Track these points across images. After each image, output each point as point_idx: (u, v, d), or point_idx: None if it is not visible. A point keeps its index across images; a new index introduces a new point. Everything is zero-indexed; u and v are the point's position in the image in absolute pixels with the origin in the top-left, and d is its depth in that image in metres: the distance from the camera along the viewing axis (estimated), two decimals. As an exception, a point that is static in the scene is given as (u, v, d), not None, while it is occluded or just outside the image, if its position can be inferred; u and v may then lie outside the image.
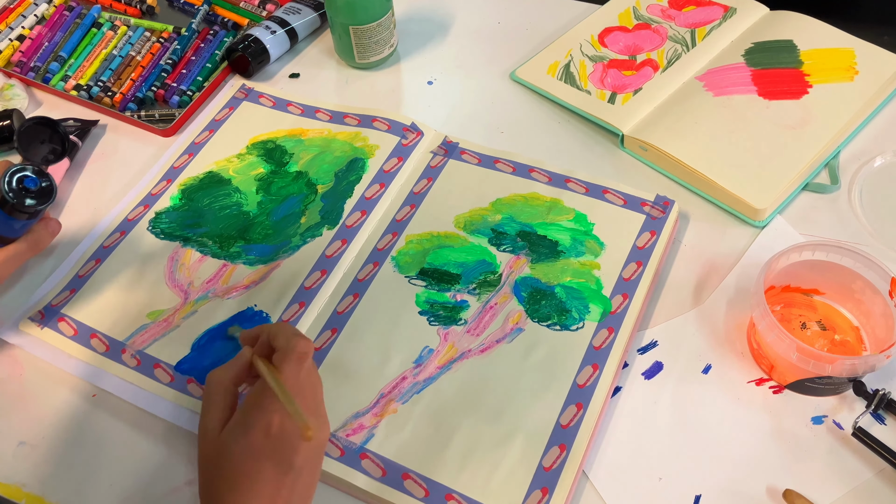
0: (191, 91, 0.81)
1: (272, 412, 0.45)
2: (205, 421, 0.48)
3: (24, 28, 0.88)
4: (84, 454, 0.57)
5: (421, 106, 0.79)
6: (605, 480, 0.53)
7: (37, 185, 0.59)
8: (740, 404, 0.56)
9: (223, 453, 0.45)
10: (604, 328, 0.59)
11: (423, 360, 0.59)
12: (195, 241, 0.68)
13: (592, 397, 0.55)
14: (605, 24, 0.84)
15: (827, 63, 0.76)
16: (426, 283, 0.63)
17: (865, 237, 0.65)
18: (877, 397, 0.53)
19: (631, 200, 0.67)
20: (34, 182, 0.58)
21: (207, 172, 0.73)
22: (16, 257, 0.60)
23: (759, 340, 0.57)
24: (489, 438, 0.54)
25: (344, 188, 0.70)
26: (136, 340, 0.61)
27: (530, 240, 0.65)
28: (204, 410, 0.48)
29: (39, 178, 0.59)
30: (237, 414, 0.47)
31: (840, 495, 0.52)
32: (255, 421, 0.45)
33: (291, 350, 0.47)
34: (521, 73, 0.81)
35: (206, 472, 0.46)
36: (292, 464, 0.45)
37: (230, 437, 0.46)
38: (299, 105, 0.78)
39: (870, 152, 0.71)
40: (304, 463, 0.45)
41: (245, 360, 0.50)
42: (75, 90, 0.82)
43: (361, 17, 0.77)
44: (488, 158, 0.72)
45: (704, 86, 0.75)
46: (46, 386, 0.60)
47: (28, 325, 0.63)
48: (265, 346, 0.50)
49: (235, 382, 0.50)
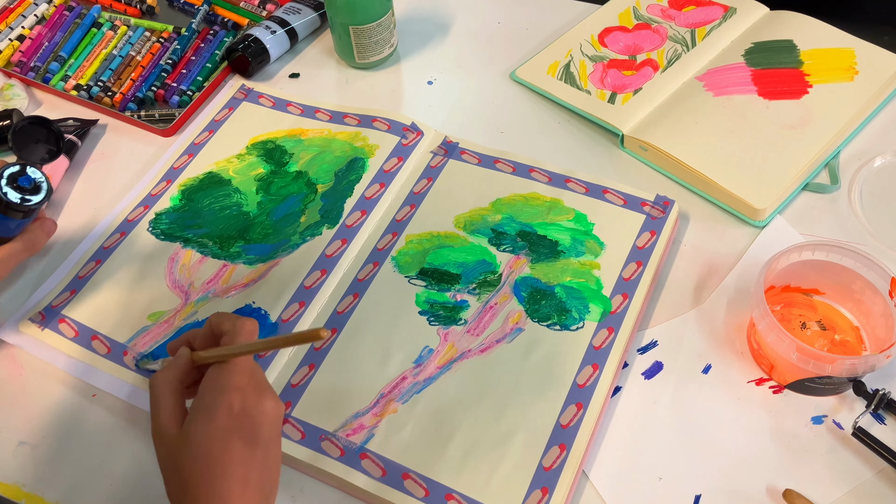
0: (191, 91, 0.81)
1: (231, 391, 0.45)
2: (157, 423, 0.47)
3: (24, 28, 0.88)
4: (84, 454, 0.57)
5: (421, 106, 0.79)
6: (605, 480, 0.53)
7: (31, 184, 0.59)
8: (740, 404, 0.56)
9: (187, 446, 0.45)
10: (604, 328, 0.59)
11: (423, 360, 0.59)
12: (195, 241, 0.68)
13: (592, 397, 0.55)
14: (605, 24, 0.84)
15: (827, 63, 0.76)
16: (426, 283, 0.63)
17: (865, 237, 0.65)
18: (877, 397, 0.53)
19: (631, 200, 0.67)
20: (29, 181, 0.58)
21: (207, 173, 0.73)
22: (12, 257, 0.59)
23: (759, 340, 0.57)
24: (489, 438, 0.54)
25: (344, 188, 0.70)
26: (137, 342, 0.61)
27: (530, 240, 0.65)
28: (154, 414, 0.47)
29: (34, 177, 0.59)
30: (194, 405, 0.46)
31: (840, 495, 0.52)
32: (217, 403, 0.45)
33: (239, 330, 0.47)
34: (521, 73, 0.81)
35: (173, 473, 0.45)
36: (259, 438, 0.45)
37: (193, 428, 0.45)
38: (299, 105, 0.78)
39: (870, 152, 0.71)
40: (269, 437, 0.45)
41: (186, 360, 0.49)
42: (75, 90, 0.82)
43: (361, 17, 0.77)
44: (488, 158, 0.72)
45: (704, 86, 0.75)
46: (46, 386, 0.60)
47: (28, 326, 0.63)
48: (208, 338, 0.49)
49: (182, 381, 0.49)
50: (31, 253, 0.61)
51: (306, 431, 0.55)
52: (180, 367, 0.49)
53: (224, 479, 0.44)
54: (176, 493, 0.45)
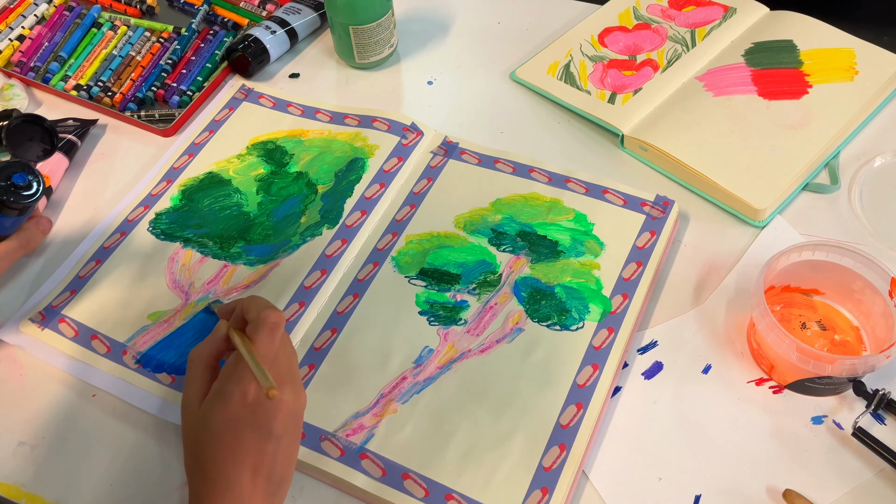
0: (191, 91, 0.81)
1: (248, 381, 0.46)
2: (186, 395, 0.49)
3: (24, 28, 0.88)
4: (84, 454, 0.57)
5: (421, 106, 0.79)
6: (605, 480, 0.53)
7: (26, 182, 0.59)
8: (740, 404, 0.56)
9: (204, 426, 0.46)
10: (604, 328, 0.59)
11: (423, 360, 0.59)
12: (195, 241, 0.68)
13: (592, 397, 0.55)
14: (605, 24, 0.84)
15: (827, 63, 0.76)
16: (426, 283, 0.63)
17: (865, 237, 0.65)
18: (877, 397, 0.53)
19: (631, 200, 0.67)
20: (24, 179, 0.58)
21: (207, 173, 0.73)
22: (7, 255, 0.60)
23: (759, 340, 0.57)
24: (489, 438, 0.54)
25: (344, 188, 0.70)
26: (137, 342, 0.61)
27: (530, 240, 0.65)
28: (186, 386, 0.49)
29: (29, 175, 0.59)
30: (214, 386, 0.48)
31: (840, 495, 0.52)
32: (232, 391, 0.46)
33: (263, 321, 0.48)
34: (521, 73, 0.81)
35: (190, 447, 0.47)
36: (272, 430, 0.45)
37: (209, 410, 0.46)
38: (299, 106, 0.78)
39: (870, 152, 0.71)
40: (284, 430, 0.46)
41: (222, 334, 0.51)
42: (75, 90, 0.82)
43: (361, 17, 0.77)
44: (488, 158, 0.72)
45: (704, 86, 0.75)
46: (46, 386, 0.60)
47: (28, 326, 0.63)
48: (240, 319, 0.51)
49: (215, 356, 0.50)
50: (27, 251, 0.62)
51: (306, 431, 0.55)
52: (216, 342, 0.50)
53: (234, 466, 0.45)
54: (190, 466, 0.47)
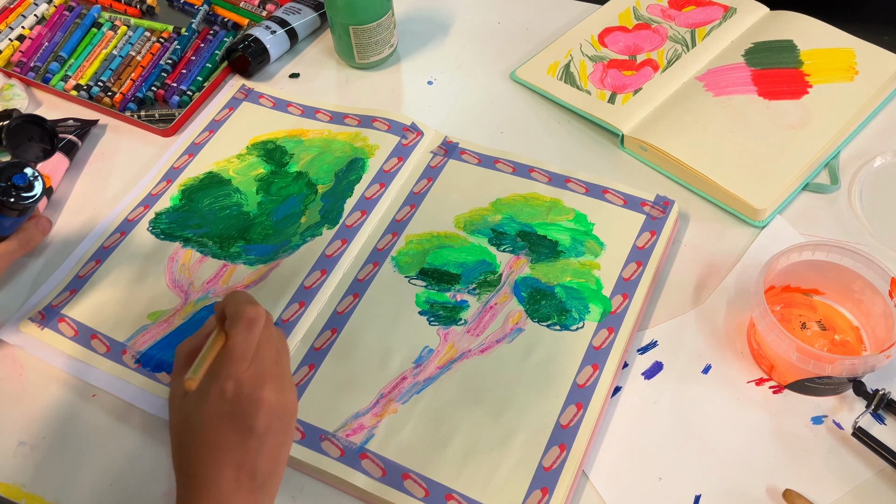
0: (191, 91, 0.81)
1: (226, 378, 0.46)
2: (173, 389, 0.49)
3: (24, 28, 0.88)
4: (84, 454, 0.57)
5: (421, 106, 0.79)
6: (605, 480, 0.53)
7: (26, 183, 0.59)
8: (740, 404, 0.56)
9: (186, 422, 0.46)
10: (604, 328, 0.59)
11: (423, 360, 0.59)
12: (195, 241, 0.68)
13: (592, 397, 0.55)
14: (605, 24, 0.84)
15: (827, 63, 0.76)
16: (426, 283, 0.63)
17: (865, 237, 0.65)
18: (877, 397, 0.53)
19: (631, 200, 0.67)
20: (24, 179, 0.58)
21: (207, 173, 0.73)
22: (7, 255, 0.60)
23: (759, 340, 0.57)
24: (489, 438, 0.54)
25: (344, 188, 0.70)
26: (136, 341, 0.61)
27: (530, 240, 0.65)
28: (172, 381, 0.49)
29: (28, 175, 0.59)
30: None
31: (840, 495, 0.52)
32: (211, 387, 0.46)
33: (239, 316, 0.47)
34: (521, 73, 0.81)
35: (175, 440, 0.47)
36: (253, 427, 0.45)
37: (191, 406, 0.46)
38: (299, 106, 0.78)
39: (870, 152, 0.71)
40: (267, 427, 0.46)
41: (209, 330, 0.50)
42: (75, 90, 0.82)
43: (361, 17, 0.77)
44: (488, 158, 0.72)
45: (704, 86, 0.75)
46: (46, 386, 0.60)
47: (28, 326, 0.63)
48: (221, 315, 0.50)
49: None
50: (27, 251, 0.62)
51: (306, 431, 0.55)
52: (203, 337, 0.50)
53: (214, 462, 0.45)
54: (175, 459, 0.47)
